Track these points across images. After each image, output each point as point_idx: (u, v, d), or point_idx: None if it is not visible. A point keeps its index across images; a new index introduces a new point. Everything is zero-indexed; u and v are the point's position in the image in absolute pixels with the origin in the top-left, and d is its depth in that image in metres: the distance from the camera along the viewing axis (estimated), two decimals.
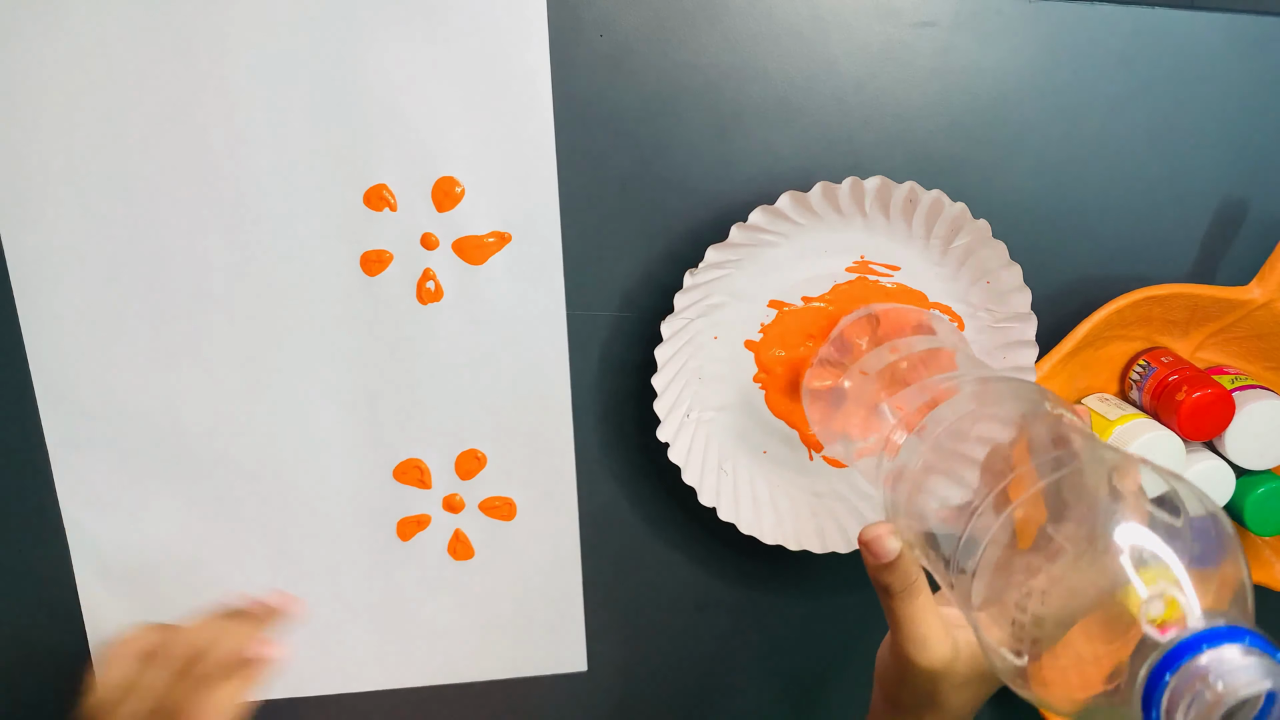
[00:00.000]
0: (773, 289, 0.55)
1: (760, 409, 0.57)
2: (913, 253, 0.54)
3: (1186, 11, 0.56)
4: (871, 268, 0.55)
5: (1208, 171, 0.59)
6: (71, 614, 0.58)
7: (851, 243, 0.54)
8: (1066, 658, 0.34)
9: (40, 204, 0.52)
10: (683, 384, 0.56)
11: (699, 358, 0.56)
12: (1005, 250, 0.53)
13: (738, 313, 0.55)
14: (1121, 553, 0.33)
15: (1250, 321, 0.58)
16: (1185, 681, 0.30)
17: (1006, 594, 0.37)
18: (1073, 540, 0.35)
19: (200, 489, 0.57)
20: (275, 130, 0.52)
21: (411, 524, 0.59)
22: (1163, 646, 0.31)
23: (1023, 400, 0.43)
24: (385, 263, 0.54)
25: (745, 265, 0.54)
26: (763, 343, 0.56)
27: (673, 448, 0.55)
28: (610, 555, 0.61)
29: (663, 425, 0.55)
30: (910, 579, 0.45)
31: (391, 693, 0.62)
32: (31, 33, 0.50)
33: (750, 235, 0.52)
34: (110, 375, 0.55)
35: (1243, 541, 0.62)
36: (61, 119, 0.51)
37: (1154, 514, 0.35)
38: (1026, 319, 0.55)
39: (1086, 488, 0.37)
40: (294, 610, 0.53)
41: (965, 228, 0.52)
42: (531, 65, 0.52)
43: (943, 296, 0.56)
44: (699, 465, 0.57)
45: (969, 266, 0.54)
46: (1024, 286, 0.54)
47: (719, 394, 0.57)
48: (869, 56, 0.55)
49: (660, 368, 0.54)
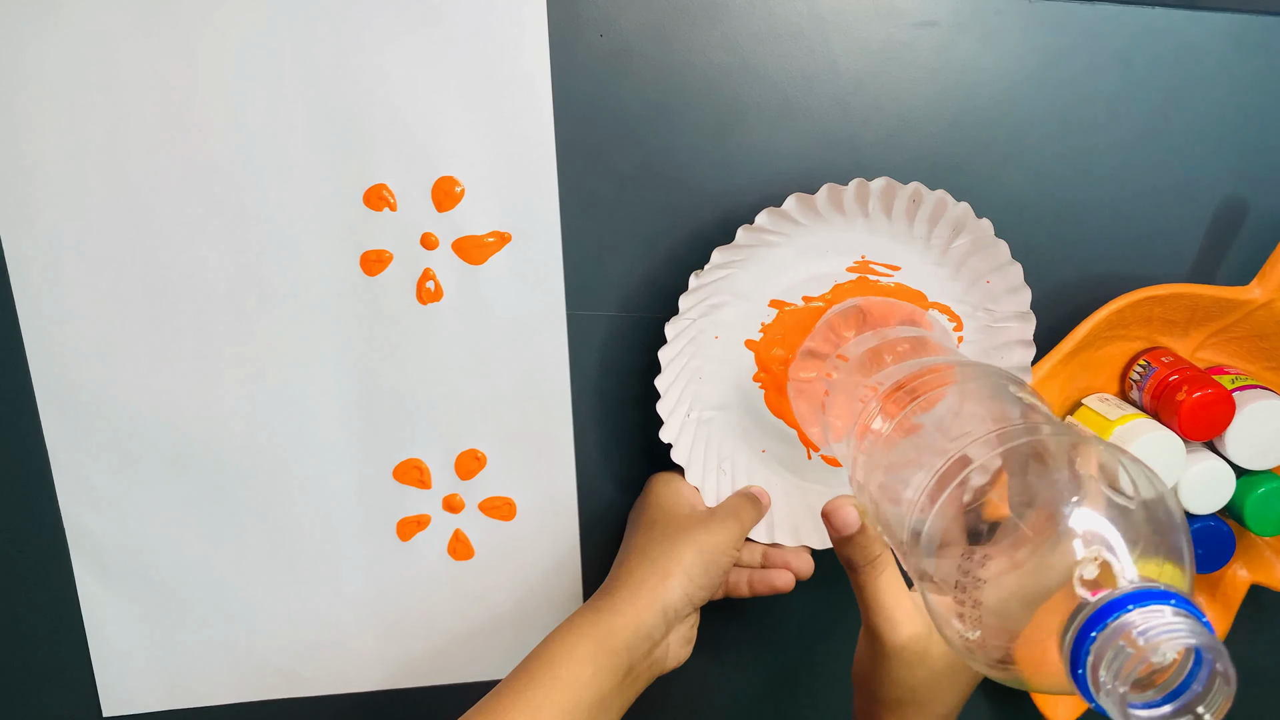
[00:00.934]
0: (774, 289, 0.55)
1: (759, 408, 0.57)
2: (913, 253, 0.54)
3: (1186, 11, 0.56)
4: (872, 267, 0.55)
5: (1208, 171, 0.59)
6: (71, 614, 0.58)
7: (853, 243, 0.54)
8: (1028, 637, 0.34)
9: (40, 204, 0.52)
10: (684, 384, 0.56)
11: (700, 357, 0.56)
12: (1006, 249, 0.53)
13: (738, 312, 0.55)
14: (1075, 535, 0.34)
15: (1250, 321, 0.58)
16: (1110, 638, 0.30)
17: (957, 570, 0.37)
18: (1033, 525, 0.35)
19: (200, 489, 0.57)
20: (275, 130, 0.52)
21: (411, 524, 0.59)
22: (1091, 605, 0.31)
23: (990, 381, 0.43)
24: (385, 263, 0.54)
25: (748, 265, 0.54)
26: (763, 342, 0.56)
27: (675, 448, 0.55)
28: (610, 555, 0.61)
29: (665, 426, 0.55)
30: (873, 554, 0.45)
31: (391, 693, 0.62)
32: (32, 33, 0.50)
33: (754, 236, 0.52)
34: (110, 375, 0.55)
35: (1243, 541, 0.62)
36: (61, 119, 0.51)
37: (1109, 496, 0.35)
38: (1025, 318, 0.55)
39: (1045, 468, 0.37)
40: None
41: (968, 227, 0.52)
42: (531, 65, 0.52)
43: (942, 296, 0.56)
44: (700, 465, 0.57)
45: (969, 266, 0.54)
46: (1024, 285, 0.54)
47: (719, 393, 0.57)
48: (869, 56, 0.55)
49: (664, 368, 0.54)
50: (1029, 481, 0.37)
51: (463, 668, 0.62)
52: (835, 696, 0.66)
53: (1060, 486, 0.36)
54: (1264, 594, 0.65)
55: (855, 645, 0.50)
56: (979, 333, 0.56)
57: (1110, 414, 0.58)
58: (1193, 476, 0.57)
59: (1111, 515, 0.34)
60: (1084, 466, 0.36)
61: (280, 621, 0.60)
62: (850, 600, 0.47)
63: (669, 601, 0.49)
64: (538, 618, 0.61)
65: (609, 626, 0.48)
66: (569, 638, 0.48)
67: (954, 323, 0.56)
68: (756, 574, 0.57)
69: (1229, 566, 0.63)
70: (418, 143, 0.53)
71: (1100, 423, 0.58)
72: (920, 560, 0.39)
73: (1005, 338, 0.56)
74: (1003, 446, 0.38)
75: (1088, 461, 0.36)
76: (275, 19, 0.51)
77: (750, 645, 0.65)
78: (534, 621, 0.61)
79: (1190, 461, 0.57)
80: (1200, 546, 0.59)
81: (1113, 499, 0.35)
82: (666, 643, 0.51)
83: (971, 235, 0.53)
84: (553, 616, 0.61)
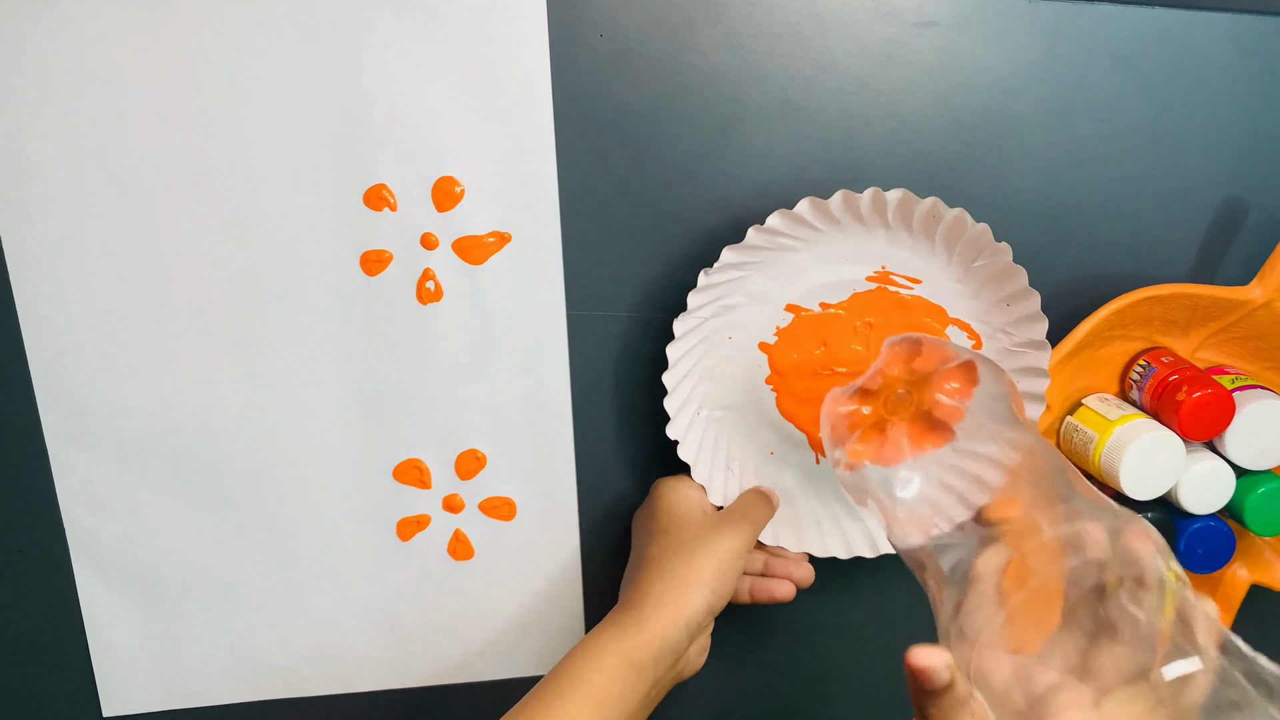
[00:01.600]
0: (791, 293, 0.55)
1: (770, 410, 0.57)
2: (935, 268, 0.54)
3: (1186, 11, 0.56)
4: (892, 278, 0.55)
5: (1208, 171, 0.59)
6: (72, 614, 0.58)
7: (874, 253, 0.54)
8: None
9: (40, 204, 0.52)
10: (694, 382, 0.56)
11: (712, 356, 0.56)
12: (1025, 276, 0.52)
13: (754, 314, 0.55)
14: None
15: (1250, 321, 0.58)
16: None
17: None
18: (1122, 666, 0.34)
19: (200, 489, 0.57)
20: (275, 130, 0.52)
21: (411, 524, 0.59)
22: None
23: (1101, 508, 0.40)
24: (385, 263, 0.54)
25: (764, 268, 0.54)
26: (777, 345, 0.56)
27: (682, 445, 0.55)
28: (611, 554, 0.61)
29: (673, 422, 0.55)
30: (956, 709, 0.40)
31: (391, 693, 0.62)
32: (31, 33, 0.50)
33: (768, 239, 0.52)
34: (110, 375, 0.55)
35: (1243, 541, 0.62)
36: (61, 119, 0.51)
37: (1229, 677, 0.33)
38: (1041, 347, 0.54)
39: (1144, 617, 0.35)
40: None
41: (987, 249, 0.52)
42: (531, 64, 0.52)
43: (963, 314, 0.56)
44: (708, 463, 0.57)
45: (990, 287, 0.54)
46: (1041, 315, 0.53)
47: (730, 393, 0.57)
48: (869, 56, 0.55)
49: (672, 365, 0.54)
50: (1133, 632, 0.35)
51: (463, 667, 0.62)
52: (848, 702, 0.66)
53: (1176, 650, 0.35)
54: (1264, 594, 0.65)
55: (854, 650, 0.49)
56: (998, 355, 0.56)
57: (1110, 414, 0.58)
58: (1193, 476, 0.57)
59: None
60: (1201, 635, 0.35)
61: (280, 621, 0.60)
62: (851, 605, 0.47)
63: (692, 615, 0.49)
64: (538, 617, 0.61)
65: (635, 642, 0.48)
66: (596, 654, 0.48)
67: (974, 340, 0.56)
68: (758, 582, 0.57)
69: (1229, 566, 0.63)
70: (417, 143, 0.53)
71: (1100, 423, 0.58)
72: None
73: (1022, 363, 0.55)
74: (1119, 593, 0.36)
75: (1207, 632, 0.35)
76: (275, 19, 0.51)
77: (753, 649, 0.65)
78: (534, 621, 0.61)
79: (1190, 461, 0.57)
80: (1200, 546, 0.59)
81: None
82: (686, 654, 0.51)
83: (991, 257, 0.52)
84: (553, 616, 0.61)
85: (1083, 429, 0.58)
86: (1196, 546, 0.59)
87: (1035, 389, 0.55)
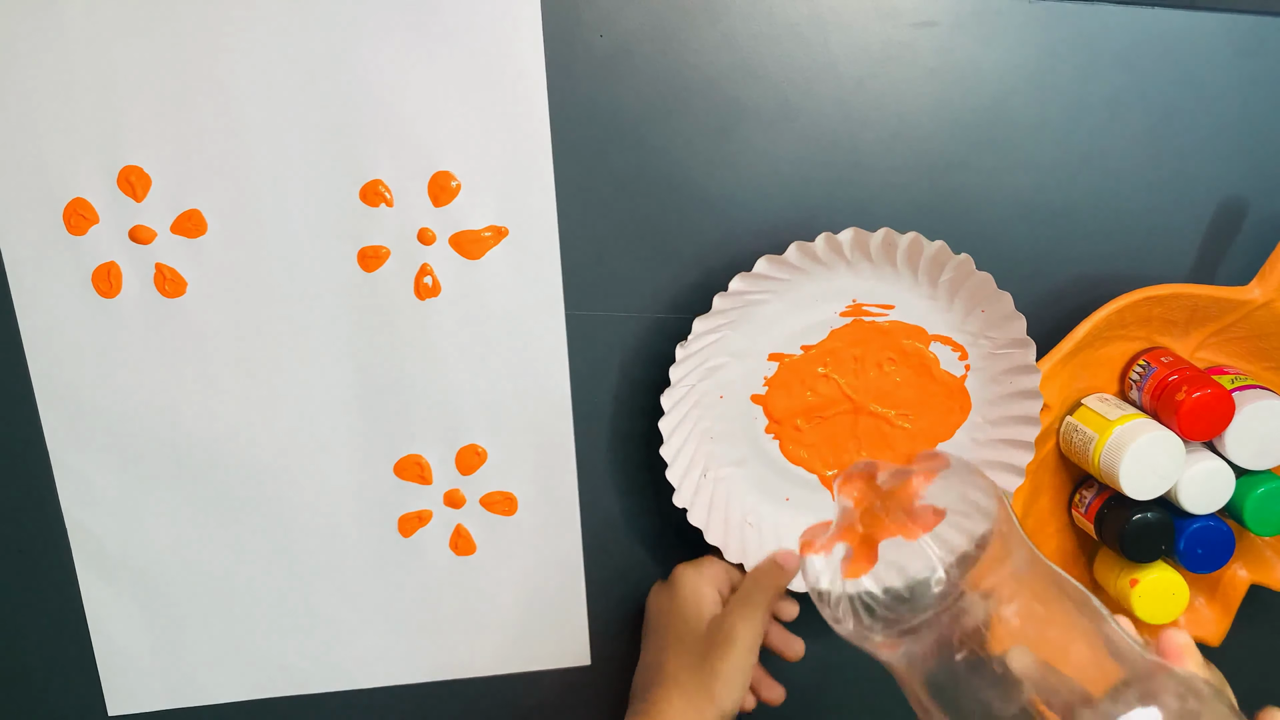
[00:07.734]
0: (770, 343, 0.55)
1: (777, 459, 0.58)
2: (904, 290, 0.55)
3: (1186, 11, 0.56)
4: (865, 309, 0.55)
5: (1208, 171, 0.59)
6: (75, 614, 0.59)
7: (842, 288, 0.55)
8: None
9: (40, 204, 0.52)
10: (695, 446, 0.56)
11: (708, 418, 0.56)
12: (992, 280, 0.52)
13: (739, 370, 0.56)
14: None
15: (1250, 321, 0.58)
16: None
17: None
18: None
19: (201, 487, 0.57)
20: (271, 127, 0.52)
21: (412, 520, 0.59)
22: None
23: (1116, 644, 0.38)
24: (382, 258, 0.55)
25: (739, 325, 0.54)
26: (769, 395, 0.56)
27: (692, 511, 0.56)
28: (613, 548, 0.61)
29: (679, 491, 0.55)
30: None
31: (394, 689, 0.62)
32: (29, 32, 0.50)
33: (735, 300, 0.53)
34: (110, 375, 0.55)
35: (1243, 541, 0.62)
36: (59, 118, 0.51)
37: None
38: (1025, 344, 0.54)
39: None
40: None
41: (949, 263, 0.52)
42: (526, 59, 0.53)
43: (942, 328, 0.56)
44: (721, 525, 0.57)
45: (961, 298, 0.55)
46: (1017, 313, 0.53)
47: (733, 450, 0.57)
48: (869, 56, 0.55)
49: (667, 437, 0.54)
50: None
51: (466, 663, 0.62)
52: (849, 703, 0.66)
53: None
54: (1264, 594, 0.65)
55: (854, 648, 0.48)
56: (984, 359, 0.57)
57: (1110, 414, 0.58)
58: (1192, 476, 0.57)
59: None
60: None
61: (283, 618, 0.60)
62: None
63: (723, 717, 0.52)
64: (540, 612, 0.62)
65: None
66: None
67: (958, 352, 0.56)
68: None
69: (1229, 566, 0.63)
70: (413, 138, 0.53)
71: (1100, 422, 0.58)
72: None
73: (1010, 363, 0.56)
74: None
75: None
76: (271, 16, 0.51)
77: None
78: (536, 616, 0.62)
79: (1190, 461, 0.57)
80: (1200, 546, 0.59)
81: None
82: None
83: (956, 269, 0.53)
84: (555, 610, 0.61)
85: (1082, 429, 0.58)
86: (1196, 546, 0.59)
87: (1029, 385, 0.55)
